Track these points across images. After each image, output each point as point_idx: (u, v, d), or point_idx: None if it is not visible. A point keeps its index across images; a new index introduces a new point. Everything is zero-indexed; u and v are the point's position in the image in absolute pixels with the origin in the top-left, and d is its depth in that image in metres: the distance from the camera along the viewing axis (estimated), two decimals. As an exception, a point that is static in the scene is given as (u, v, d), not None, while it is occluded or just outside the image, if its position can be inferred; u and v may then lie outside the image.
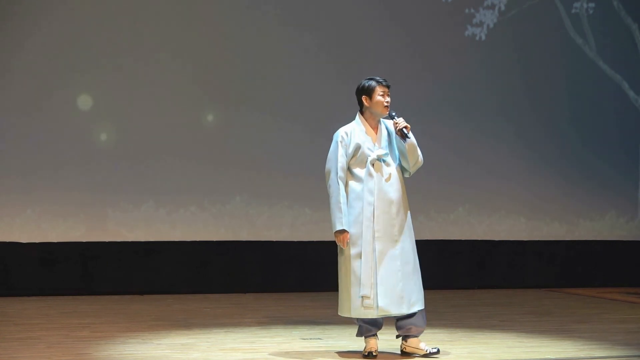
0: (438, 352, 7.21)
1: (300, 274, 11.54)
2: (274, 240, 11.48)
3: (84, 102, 10.95)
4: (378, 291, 7.02)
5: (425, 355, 7.17)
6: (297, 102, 11.46)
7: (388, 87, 7.21)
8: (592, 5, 12.36)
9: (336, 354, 7.35)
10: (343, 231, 7.07)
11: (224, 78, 11.29)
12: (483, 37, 12.02)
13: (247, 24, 11.34)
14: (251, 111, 11.35)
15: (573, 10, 12.31)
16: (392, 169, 7.20)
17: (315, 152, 11.09)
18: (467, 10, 11.99)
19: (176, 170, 11.14)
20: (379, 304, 7.03)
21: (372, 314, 7.06)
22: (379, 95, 7.18)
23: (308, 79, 11.49)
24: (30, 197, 10.77)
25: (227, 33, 11.31)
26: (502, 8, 12.07)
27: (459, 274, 12.02)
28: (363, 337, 7.24)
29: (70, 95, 10.90)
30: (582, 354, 7.50)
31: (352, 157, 7.16)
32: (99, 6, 10.97)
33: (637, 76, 12.51)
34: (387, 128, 7.27)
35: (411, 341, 7.23)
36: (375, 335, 7.22)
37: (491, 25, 12.04)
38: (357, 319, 7.18)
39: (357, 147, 7.15)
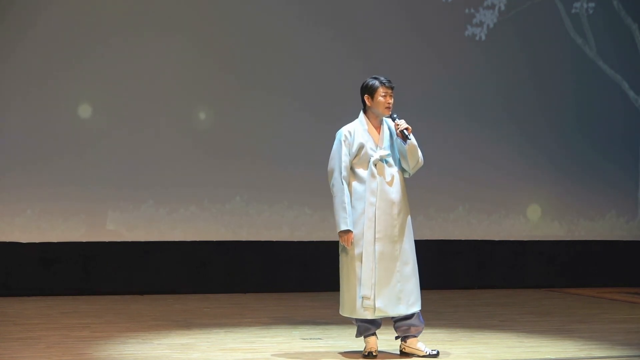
0: (437, 354, 7.20)
1: (300, 274, 11.53)
2: (274, 240, 11.47)
3: (84, 103, 10.94)
4: (376, 292, 7.02)
5: (424, 357, 7.17)
6: (298, 102, 11.45)
7: (392, 88, 7.16)
8: (592, 5, 12.35)
9: (336, 354, 7.35)
10: (348, 231, 7.04)
11: (224, 78, 11.28)
12: (483, 37, 12.02)
13: (247, 24, 11.33)
14: (251, 111, 11.34)
15: (573, 10, 12.30)
16: (394, 170, 7.18)
17: (315, 152, 11.09)
18: (467, 10, 11.99)
19: (176, 170, 11.14)
20: (377, 305, 7.02)
21: (370, 315, 7.05)
22: (381, 96, 7.14)
23: (308, 80, 11.48)
24: (30, 197, 10.76)
25: (226, 34, 11.29)
26: (502, 8, 12.07)
27: (459, 274, 12.02)
28: (363, 337, 7.24)
29: (70, 96, 10.89)
30: (582, 354, 7.50)
31: (355, 157, 7.13)
32: (98, 4, 10.97)
33: (637, 76, 12.50)
34: (389, 128, 7.24)
35: (410, 341, 7.23)
36: (374, 334, 7.22)
37: (491, 25, 12.04)
38: (356, 319, 7.18)
39: (361, 147, 7.12)
